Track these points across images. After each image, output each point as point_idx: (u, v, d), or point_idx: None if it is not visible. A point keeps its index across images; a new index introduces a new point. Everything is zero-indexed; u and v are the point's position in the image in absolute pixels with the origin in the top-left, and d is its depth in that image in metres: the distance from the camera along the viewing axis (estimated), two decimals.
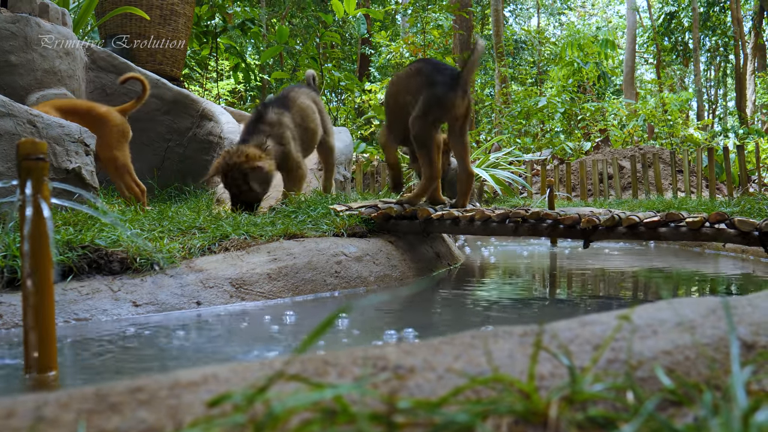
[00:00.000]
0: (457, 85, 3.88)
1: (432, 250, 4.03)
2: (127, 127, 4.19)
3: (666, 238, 3.15)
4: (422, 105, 3.89)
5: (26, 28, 4.48)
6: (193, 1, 7.23)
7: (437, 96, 3.87)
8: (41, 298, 1.57)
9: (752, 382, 0.80)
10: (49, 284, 1.59)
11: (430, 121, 3.91)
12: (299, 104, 4.51)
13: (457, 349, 0.84)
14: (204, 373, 0.76)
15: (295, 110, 4.44)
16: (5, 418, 0.66)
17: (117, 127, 4.09)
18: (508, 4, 27.18)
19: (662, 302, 1.02)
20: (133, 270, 2.62)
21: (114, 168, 4.09)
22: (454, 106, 3.89)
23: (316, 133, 4.61)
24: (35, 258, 1.57)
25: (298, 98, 4.54)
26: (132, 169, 4.19)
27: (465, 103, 3.95)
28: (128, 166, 4.16)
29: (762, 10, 20.85)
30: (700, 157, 9.72)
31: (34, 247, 1.56)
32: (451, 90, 3.86)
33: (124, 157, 4.12)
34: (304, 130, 4.48)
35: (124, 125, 4.16)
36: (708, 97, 27.67)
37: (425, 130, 3.91)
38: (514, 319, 2.53)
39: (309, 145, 4.59)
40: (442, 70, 3.99)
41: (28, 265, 1.56)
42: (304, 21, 17.81)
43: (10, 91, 4.25)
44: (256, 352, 1.95)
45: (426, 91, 3.90)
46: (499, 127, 15.12)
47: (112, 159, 4.07)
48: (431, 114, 3.89)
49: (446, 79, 3.90)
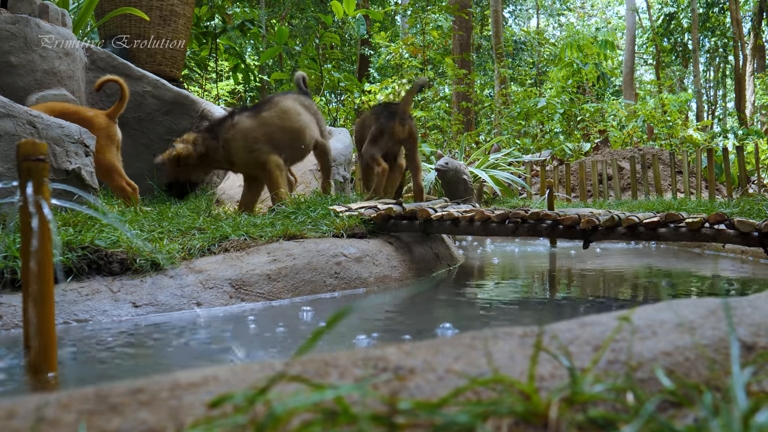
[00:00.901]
0: (395, 115, 4.97)
1: (431, 251, 4.03)
2: (113, 130, 4.20)
3: (665, 238, 3.16)
4: (371, 133, 5.02)
5: (26, 29, 4.48)
6: (192, 1, 7.23)
7: (382, 125, 4.98)
8: (41, 299, 1.57)
9: (752, 383, 0.81)
10: (49, 285, 1.59)
11: (379, 146, 5.02)
12: (281, 106, 4.51)
13: (457, 350, 0.84)
14: (204, 374, 0.76)
15: (274, 112, 4.47)
16: (6, 419, 0.66)
17: (103, 130, 4.11)
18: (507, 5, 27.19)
19: (662, 303, 1.02)
20: (132, 271, 2.62)
21: (102, 170, 4.11)
22: (394, 132, 4.97)
23: (301, 133, 4.57)
24: (36, 259, 1.56)
25: (280, 102, 4.55)
26: (121, 170, 4.20)
27: (406, 129, 5.00)
28: (116, 167, 4.17)
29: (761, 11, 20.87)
30: (700, 158, 9.72)
31: (35, 248, 1.56)
32: (392, 120, 4.96)
33: (110, 159, 4.14)
34: (285, 131, 4.46)
35: (110, 128, 4.18)
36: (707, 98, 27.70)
37: (371, 152, 5.04)
38: (513, 319, 2.53)
39: (294, 146, 4.56)
40: (388, 107, 5.12)
41: (28, 266, 1.56)
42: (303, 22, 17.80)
43: (9, 92, 4.25)
44: (256, 353, 1.95)
45: (375, 123, 5.03)
46: (498, 128, 15.13)
47: (97, 162, 4.09)
48: (380, 139, 4.99)
49: (388, 113, 5.00)
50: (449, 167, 6.59)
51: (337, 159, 5.98)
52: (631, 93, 19.58)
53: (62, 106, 4.15)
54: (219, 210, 4.31)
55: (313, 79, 11.67)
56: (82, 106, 4.24)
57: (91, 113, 4.14)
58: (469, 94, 15.95)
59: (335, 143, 6.12)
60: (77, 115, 4.08)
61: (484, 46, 24.23)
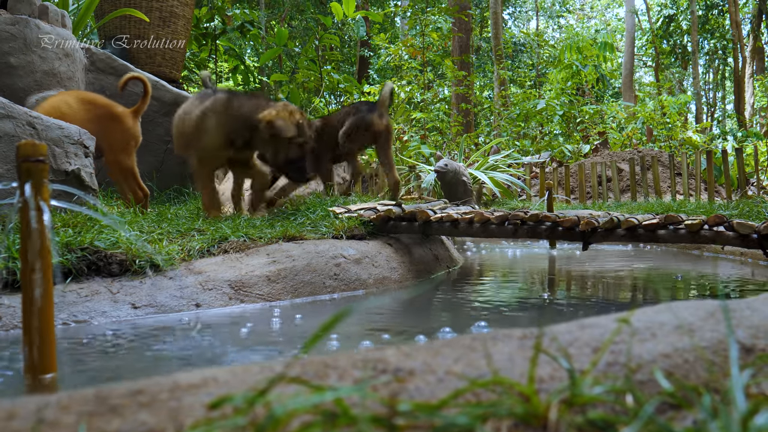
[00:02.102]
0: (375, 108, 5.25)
1: (431, 253, 4.03)
2: (137, 129, 4.16)
3: (665, 240, 3.16)
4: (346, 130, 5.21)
5: (26, 30, 4.49)
6: (192, 3, 7.23)
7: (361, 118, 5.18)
8: (41, 300, 1.57)
9: (751, 386, 0.81)
10: (48, 286, 1.59)
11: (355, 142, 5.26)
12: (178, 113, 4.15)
13: (456, 351, 0.84)
14: (204, 375, 0.76)
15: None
16: (6, 420, 0.66)
17: (129, 129, 4.08)
18: (507, 7, 27.21)
19: (661, 305, 1.02)
20: (132, 272, 2.62)
21: (120, 171, 4.09)
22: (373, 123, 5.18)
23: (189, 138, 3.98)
24: (35, 260, 1.57)
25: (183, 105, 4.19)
26: (137, 174, 4.17)
27: (383, 122, 5.24)
28: (134, 171, 4.15)
29: (760, 13, 20.89)
30: (699, 160, 9.72)
31: (34, 248, 1.56)
32: (372, 111, 5.20)
33: (130, 161, 4.12)
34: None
35: (135, 128, 4.14)
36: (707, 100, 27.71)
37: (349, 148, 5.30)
38: (513, 321, 2.53)
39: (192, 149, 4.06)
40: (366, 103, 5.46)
41: (28, 267, 1.56)
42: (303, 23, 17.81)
43: (9, 93, 4.25)
44: (256, 354, 1.95)
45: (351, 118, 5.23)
46: (497, 130, 15.13)
47: (117, 161, 4.06)
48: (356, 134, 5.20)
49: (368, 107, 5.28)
50: (449, 169, 6.59)
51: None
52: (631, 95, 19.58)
53: (92, 96, 4.11)
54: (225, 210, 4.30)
55: (312, 80, 11.67)
56: (113, 102, 4.19)
57: (120, 109, 4.10)
58: (468, 95, 15.95)
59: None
60: (106, 108, 4.04)
61: (484, 47, 24.25)
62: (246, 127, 3.80)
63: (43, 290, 1.57)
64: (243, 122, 3.80)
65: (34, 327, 1.56)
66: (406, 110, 12.35)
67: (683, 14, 23.73)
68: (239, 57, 11.78)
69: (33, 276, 1.56)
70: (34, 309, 1.56)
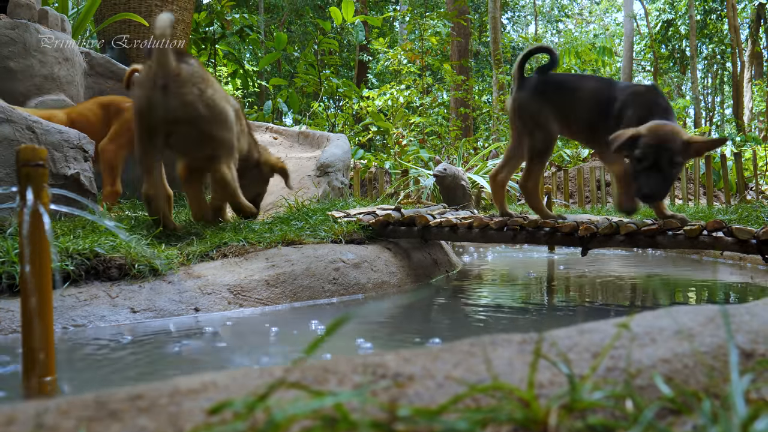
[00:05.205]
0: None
1: (430, 257, 4.03)
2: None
3: (664, 246, 3.16)
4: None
5: (25, 34, 4.49)
6: (191, 7, 7.24)
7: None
8: (40, 304, 1.57)
9: (751, 391, 0.81)
10: (47, 290, 1.59)
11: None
12: None
13: (456, 356, 0.84)
14: (203, 380, 0.76)
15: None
16: (5, 425, 0.66)
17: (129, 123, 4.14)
18: (505, 12, 27.25)
19: (661, 310, 1.02)
20: (131, 276, 2.62)
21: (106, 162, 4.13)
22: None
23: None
24: (34, 264, 1.56)
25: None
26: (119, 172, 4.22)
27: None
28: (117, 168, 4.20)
29: (759, 18, 20.95)
30: (698, 165, 9.74)
31: (33, 253, 1.56)
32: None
33: (118, 157, 4.16)
34: None
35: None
36: (705, 104, 27.76)
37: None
38: (512, 326, 2.53)
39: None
40: None
41: (27, 271, 1.56)
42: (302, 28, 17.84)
43: (9, 97, 4.25)
44: (255, 359, 1.95)
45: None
46: (496, 134, 15.14)
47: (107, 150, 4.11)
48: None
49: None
50: (447, 173, 6.59)
51: (336, 165, 5.97)
52: None
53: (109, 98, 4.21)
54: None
55: (311, 84, 11.69)
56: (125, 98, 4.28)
57: (128, 104, 4.18)
58: (467, 100, 15.97)
59: (333, 149, 6.10)
60: (120, 103, 4.19)
61: (483, 52, 24.29)
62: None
63: (42, 294, 1.57)
64: None
65: (33, 331, 1.56)
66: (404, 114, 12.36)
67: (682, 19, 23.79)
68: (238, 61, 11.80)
69: (32, 280, 1.56)
70: (32, 313, 1.56)
